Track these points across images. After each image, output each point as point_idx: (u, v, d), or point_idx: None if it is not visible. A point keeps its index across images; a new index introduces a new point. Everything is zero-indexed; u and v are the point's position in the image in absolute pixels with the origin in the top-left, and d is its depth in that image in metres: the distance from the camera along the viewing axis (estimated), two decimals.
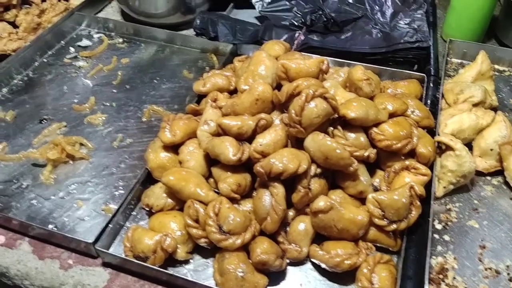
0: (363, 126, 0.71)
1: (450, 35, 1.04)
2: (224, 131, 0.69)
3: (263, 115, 0.70)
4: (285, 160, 0.63)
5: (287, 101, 0.69)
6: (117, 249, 0.67)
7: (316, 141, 0.65)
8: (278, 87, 0.75)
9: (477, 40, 1.04)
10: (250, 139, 0.69)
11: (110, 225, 0.67)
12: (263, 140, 0.67)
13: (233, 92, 0.85)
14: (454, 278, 0.64)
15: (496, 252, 0.67)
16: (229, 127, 0.69)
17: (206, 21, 1.03)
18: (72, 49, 1.05)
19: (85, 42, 1.07)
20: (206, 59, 1.02)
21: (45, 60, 1.02)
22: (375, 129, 0.69)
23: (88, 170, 0.78)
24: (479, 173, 0.77)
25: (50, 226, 0.70)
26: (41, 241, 0.69)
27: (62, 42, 1.07)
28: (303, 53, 0.91)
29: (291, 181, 0.65)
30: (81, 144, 0.82)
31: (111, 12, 1.20)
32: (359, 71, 0.77)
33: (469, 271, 0.65)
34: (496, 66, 0.99)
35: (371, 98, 0.76)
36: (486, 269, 0.65)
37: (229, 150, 0.66)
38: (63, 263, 0.67)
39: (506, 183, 0.76)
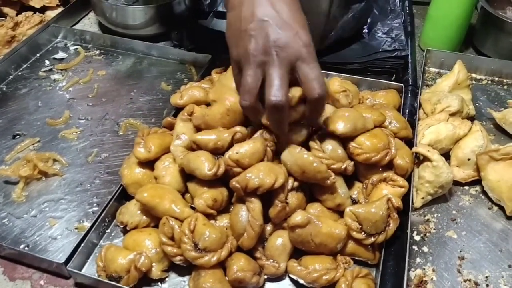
0: (346, 138, 0.70)
1: (427, 45, 1.05)
2: (199, 147, 0.68)
3: (238, 128, 0.69)
4: (262, 175, 0.62)
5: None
6: (90, 269, 0.65)
7: (293, 155, 0.65)
8: None
9: (454, 49, 1.05)
10: (225, 152, 0.68)
11: (83, 244, 0.65)
12: (240, 149, 0.65)
13: (210, 104, 0.84)
14: None
15: (475, 263, 0.67)
16: (204, 143, 0.67)
17: (184, 32, 1.02)
18: (47, 62, 1.03)
19: (61, 55, 1.05)
20: (185, 70, 1.01)
21: (19, 73, 1.00)
22: (352, 143, 0.69)
23: (61, 187, 0.76)
24: (457, 183, 0.77)
25: (22, 246, 0.68)
26: (12, 261, 0.67)
27: (38, 55, 1.05)
28: None
29: (268, 196, 0.64)
30: (55, 160, 0.80)
31: (88, 24, 1.18)
32: (336, 83, 0.77)
33: (448, 283, 0.65)
34: (474, 75, 1.00)
35: None
36: (465, 281, 0.65)
37: (204, 165, 0.65)
38: (34, 284, 0.65)
39: (484, 192, 0.76)
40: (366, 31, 1.02)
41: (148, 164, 0.71)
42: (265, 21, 0.61)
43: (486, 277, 0.66)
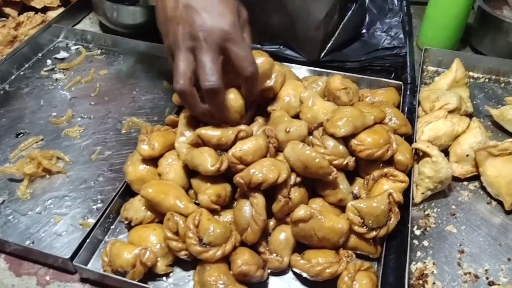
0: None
1: (425, 44, 1.06)
2: (203, 142, 0.69)
3: (243, 126, 0.70)
4: (265, 170, 0.63)
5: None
6: (95, 264, 0.66)
7: (295, 151, 0.66)
8: None
9: (452, 48, 1.07)
10: (229, 149, 0.69)
11: (88, 240, 0.66)
12: (243, 146, 0.66)
13: None
14: (434, 283, 0.65)
15: (475, 257, 0.68)
16: (208, 138, 0.68)
17: None
18: (49, 62, 1.04)
19: (62, 54, 1.05)
20: None
21: (21, 73, 1.01)
22: (354, 140, 0.70)
23: (65, 184, 0.77)
24: (456, 179, 0.78)
25: (27, 242, 0.68)
26: (17, 257, 0.68)
27: (39, 54, 1.06)
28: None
29: (271, 191, 0.65)
30: (58, 158, 0.81)
31: (89, 24, 1.19)
32: (337, 81, 0.78)
33: (449, 276, 0.66)
34: (471, 73, 1.01)
35: None
36: (465, 274, 0.66)
37: (207, 160, 0.66)
38: (40, 279, 0.65)
39: (483, 188, 0.77)
40: (365, 30, 1.04)
41: (152, 161, 0.72)
42: (189, 7, 0.63)
43: (486, 270, 0.67)
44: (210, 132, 0.68)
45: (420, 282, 0.65)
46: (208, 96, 0.65)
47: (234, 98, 0.70)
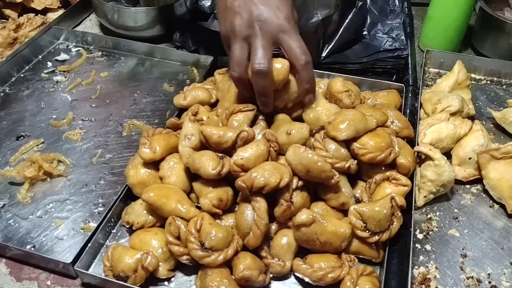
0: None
1: (427, 45, 1.06)
2: (205, 138, 0.69)
3: (246, 128, 0.69)
4: (267, 174, 0.63)
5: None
6: (97, 269, 0.66)
7: (297, 154, 0.65)
8: None
9: (453, 50, 1.06)
10: (230, 151, 0.69)
11: (89, 244, 0.66)
12: (244, 154, 0.66)
13: (214, 105, 0.84)
14: (437, 287, 0.65)
15: (477, 261, 0.68)
16: (210, 134, 0.69)
17: (187, 33, 1.03)
18: (49, 64, 1.03)
19: (63, 56, 1.05)
20: (187, 72, 1.02)
21: (22, 75, 1.00)
22: (356, 144, 0.69)
23: (66, 188, 0.77)
24: (458, 182, 0.78)
25: (28, 247, 0.68)
26: (18, 262, 0.67)
27: (40, 56, 1.05)
28: None
29: (273, 195, 0.65)
30: (59, 161, 0.81)
31: (90, 26, 1.19)
32: (339, 83, 0.77)
33: (451, 280, 0.66)
34: (473, 75, 1.01)
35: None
36: (467, 278, 0.66)
37: (208, 164, 0.65)
38: (41, 284, 0.65)
39: (485, 191, 0.77)
40: (366, 32, 1.03)
41: (153, 164, 0.72)
42: None
43: (488, 274, 0.66)
44: (212, 130, 0.69)
45: (423, 286, 0.65)
46: (256, 78, 0.69)
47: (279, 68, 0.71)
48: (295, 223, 0.63)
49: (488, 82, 1.01)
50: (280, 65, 0.70)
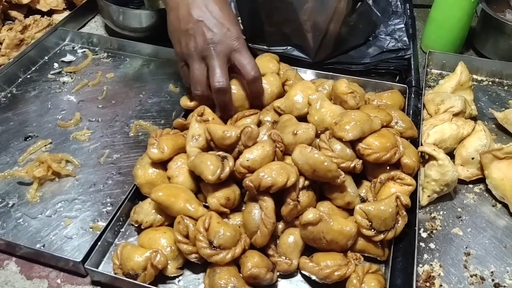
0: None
1: (429, 47, 1.07)
2: (210, 135, 0.71)
3: (251, 124, 0.70)
4: (274, 174, 0.64)
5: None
6: (106, 267, 0.67)
7: (304, 154, 0.66)
8: None
9: (455, 51, 1.07)
10: (234, 148, 0.70)
11: (99, 243, 0.67)
12: (250, 155, 0.67)
13: None
14: (441, 285, 0.66)
15: (481, 259, 0.69)
16: (215, 130, 0.70)
17: None
18: (56, 65, 1.04)
19: (69, 58, 1.06)
20: None
21: (28, 76, 1.01)
22: (361, 144, 0.70)
23: (75, 187, 0.78)
24: (461, 182, 0.79)
25: (38, 245, 0.69)
26: (28, 260, 0.68)
27: (46, 57, 1.06)
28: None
29: (279, 194, 0.66)
30: (67, 161, 0.82)
31: (95, 27, 1.20)
32: (343, 85, 0.78)
33: (455, 278, 0.67)
34: (475, 76, 1.02)
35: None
36: (471, 276, 0.67)
37: (208, 169, 0.66)
38: (51, 282, 0.66)
39: (488, 190, 0.78)
40: None
41: (161, 164, 0.73)
42: (200, 21, 0.75)
43: (492, 272, 0.68)
44: (217, 127, 0.70)
45: (427, 284, 0.66)
46: (217, 95, 0.76)
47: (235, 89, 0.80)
48: (302, 222, 0.64)
49: (490, 83, 1.02)
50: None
